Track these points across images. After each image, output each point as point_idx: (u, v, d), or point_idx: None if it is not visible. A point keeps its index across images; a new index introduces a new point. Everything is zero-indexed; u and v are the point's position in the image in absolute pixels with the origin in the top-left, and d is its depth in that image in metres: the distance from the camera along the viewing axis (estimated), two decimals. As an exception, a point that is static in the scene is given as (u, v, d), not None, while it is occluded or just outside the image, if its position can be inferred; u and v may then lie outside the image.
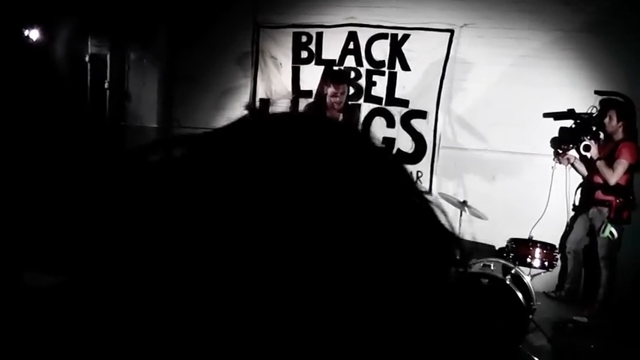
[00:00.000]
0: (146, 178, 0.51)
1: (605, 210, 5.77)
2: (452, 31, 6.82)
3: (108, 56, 7.94)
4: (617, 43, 6.48)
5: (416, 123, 6.99)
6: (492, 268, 4.93)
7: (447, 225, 0.60)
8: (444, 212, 0.60)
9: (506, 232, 5.78)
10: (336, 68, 6.94)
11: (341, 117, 5.93)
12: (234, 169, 0.50)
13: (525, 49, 6.75)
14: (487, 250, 6.25)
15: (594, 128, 5.96)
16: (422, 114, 6.97)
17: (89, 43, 7.98)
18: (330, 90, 5.78)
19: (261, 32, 7.38)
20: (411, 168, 7.04)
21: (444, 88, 6.90)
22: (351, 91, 6.60)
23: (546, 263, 5.27)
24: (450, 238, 0.59)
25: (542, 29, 6.71)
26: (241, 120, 0.56)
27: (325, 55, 7.13)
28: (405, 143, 7.04)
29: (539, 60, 6.72)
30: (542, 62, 6.71)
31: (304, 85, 7.18)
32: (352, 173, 0.52)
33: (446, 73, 6.87)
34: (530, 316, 4.85)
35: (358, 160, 0.54)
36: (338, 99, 5.75)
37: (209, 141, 0.53)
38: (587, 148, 5.75)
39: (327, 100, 5.80)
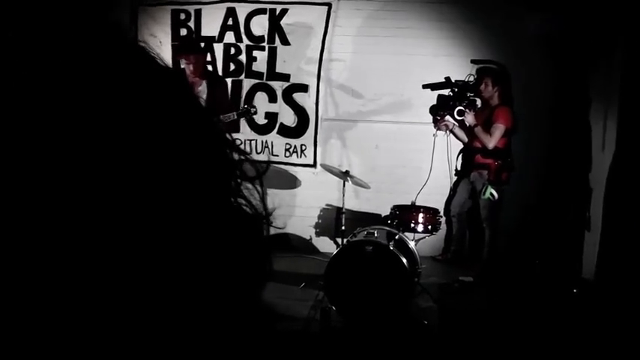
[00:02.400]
0: None
1: (485, 173, 5.95)
2: (329, 5, 6.85)
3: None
4: (491, 13, 6.70)
5: (298, 97, 7.01)
6: (376, 235, 5.00)
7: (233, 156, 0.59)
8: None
9: (391, 201, 5.86)
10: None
11: (204, 85, 6.00)
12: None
13: (402, 20, 6.86)
14: (373, 220, 6.34)
15: (470, 95, 6.12)
16: (303, 87, 7.00)
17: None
18: (183, 60, 6.04)
19: (139, 10, 7.15)
20: (295, 142, 7.05)
21: (324, 61, 6.94)
22: (208, 58, 6.75)
23: (430, 227, 5.40)
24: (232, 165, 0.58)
25: (417, 1, 6.84)
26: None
27: (205, 32, 7.00)
28: (287, 117, 7.05)
29: (416, 31, 6.86)
30: (420, 33, 6.86)
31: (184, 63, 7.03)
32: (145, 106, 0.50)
33: (325, 46, 6.91)
34: (416, 279, 4.97)
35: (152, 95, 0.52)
36: (192, 67, 5.97)
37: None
38: (461, 113, 5.89)
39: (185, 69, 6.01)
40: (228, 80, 6.89)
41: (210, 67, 6.81)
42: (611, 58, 5.97)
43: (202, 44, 6.92)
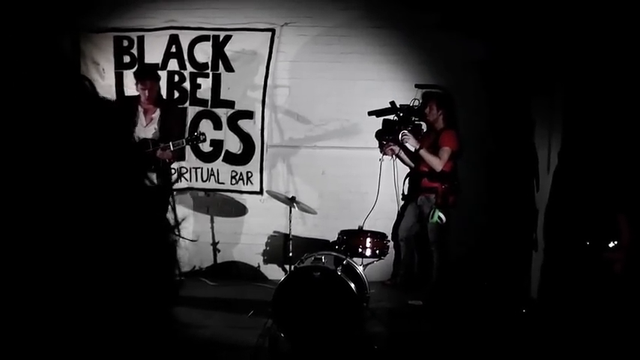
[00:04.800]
0: None
1: (433, 196, 5.98)
2: (273, 30, 6.87)
3: None
4: (432, 38, 6.81)
5: (243, 123, 6.98)
6: (324, 260, 4.98)
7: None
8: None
9: (339, 226, 5.84)
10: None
11: (158, 112, 6.00)
12: None
13: (346, 45, 6.92)
14: (321, 246, 6.31)
15: (415, 119, 6.17)
16: (248, 114, 6.97)
17: None
18: (139, 86, 6.10)
19: (81, 37, 7.03)
20: (241, 169, 7.00)
21: (269, 87, 6.93)
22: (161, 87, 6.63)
23: (378, 252, 5.38)
24: None
25: (361, 26, 6.90)
26: None
27: (148, 59, 6.92)
28: (233, 144, 7.00)
29: (360, 56, 6.91)
30: (364, 58, 6.91)
31: (128, 91, 6.92)
32: None
33: (270, 72, 6.91)
34: (365, 304, 4.94)
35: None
36: (146, 93, 6.06)
37: None
38: (406, 139, 5.94)
39: (141, 95, 6.10)
40: (172, 108, 6.82)
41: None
42: (554, 81, 6.10)
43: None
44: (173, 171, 6.64)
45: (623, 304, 4.00)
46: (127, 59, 6.97)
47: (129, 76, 6.84)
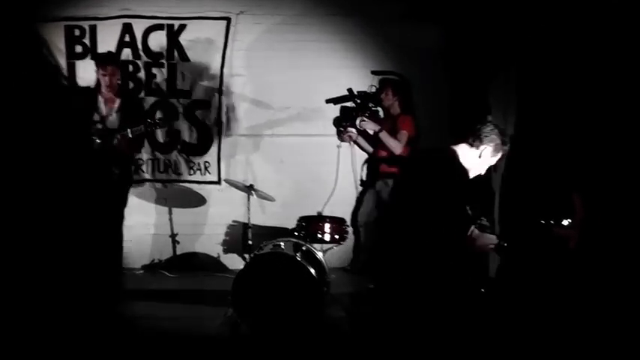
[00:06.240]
0: None
1: (391, 181, 6.00)
2: (228, 19, 6.81)
3: None
4: (389, 25, 6.84)
5: (199, 113, 6.91)
6: (283, 247, 4.96)
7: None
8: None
9: (298, 214, 5.83)
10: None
11: (118, 102, 5.82)
12: None
13: (303, 33, 6.89)
14: (282, 234, 6.27)
15: (372, 105, 6.18)
16: (205, 103, 6.90)
17: None
18: (100, 72, 5.84)
19: (38, 27, 6.85)
20: (198, 159, 6.96)
21: (225, 76, 6.88)
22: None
23: (337, 237, 5.38)
24: None
25: (317, 14, 6.90)
26: None
27: (101, 49, 6.73)
28: (190, 135, 6.93)
29: (317, 43, 6.90)
30: (321, 45, 6.90)
31: (81, 82, 6.78)
32: None
33: (226, 61, 6.85)
34: (325, 289, 4.94)
35: None
36: (107, 80, 5.81)
37: None
38: (364, 124, 5.94)
39: (101, 82, 5.85)
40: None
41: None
42: (508, 66, 6.16)
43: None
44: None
45: (578, 279, 4.07)
46: (79, 49, 6.81)
47: (81, 67, 6.74)
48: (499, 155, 3.92)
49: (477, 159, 3.88)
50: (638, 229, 4.87)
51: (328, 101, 6.13)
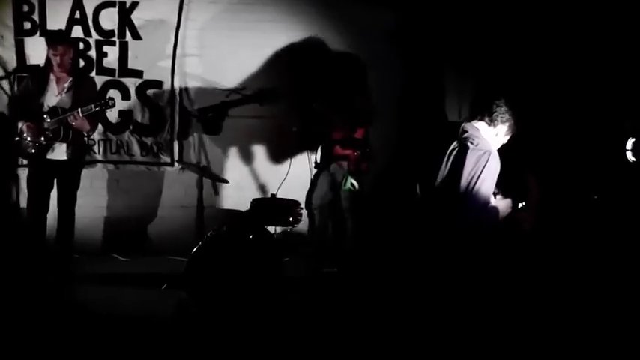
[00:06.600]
0: None
1: (345, 164, 5.98)
2: (182, -3, 6.69)
3: None
4: (345, 7, 6.81)
5: (152, 93, 6.79)
6: (237, 229, 4.93)
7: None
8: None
9: (252, 196, 5.82)
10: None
11: (70, 80, 5.65)
12: None
13: (258, 13, 6.80)
14: (236, 216, 6.25)
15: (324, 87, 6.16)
16: (157, 84, 6.78)
17: None
18: (50, 51, 5.63)
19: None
20: (151, 140, 6.85)
21: (178, 56, 6.77)
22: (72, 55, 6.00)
23: (290, 219, 5.37)
24: None
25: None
26: None
27: (50, 26, 6.54)
28: (142, 115, 6.81)
29: (273, 24, 6.81)
30: (277, 26, 6.82)
31: (31, 60, 6.60)
32: None
33: (179, 41, 6.74)
34: (279, 272, 4.93)
35: None
36: (58, 60, 5.60)
37: None
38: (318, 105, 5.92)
39: (52, 61, 5.64)
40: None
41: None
42: (464, 51, 6.20)
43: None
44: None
45: (531, 261, 4.12)
46: (27, 25, 6.61)
47: (30, 44, 6.57)
48: (510, 135, 4.05)
49: (494, 137, 4.01)
50: (595, 210, 4.97)
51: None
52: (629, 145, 3.13)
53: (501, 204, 3.98)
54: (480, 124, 4.04)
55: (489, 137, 4.00)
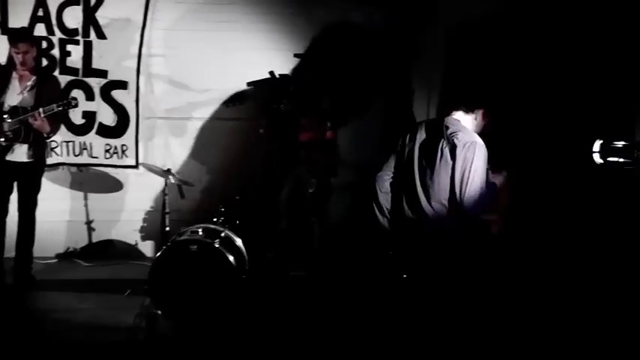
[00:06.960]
0: None
1: (312, 166, 5.95)
2: (148, -4, 6.58)
3: None
4: (314, 6, 6.74)
5: (117, 94, 6.64)
6: (201, 233, 4.86)
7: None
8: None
9: (218, 200, 5.73)
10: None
11: (33, 79, 5.50)
12: None
13: (226, 13, 6.70)
14: (201, 220, 6.13)
15: (292, 89, 6.13)
16: (122, 84, 6.64)
17: None
18: (12, 49, 5.48)
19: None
20: (115, 142, 6.71)
21: (144, 56, 6.64)
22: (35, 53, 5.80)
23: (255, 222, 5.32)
24: None
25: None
26: None
27: (12, 23, 6.37)
28: (106, 116, 6.66)
29: (241, 24, 6.72)
30: (244, 26, 6.72)
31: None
32: None
33: (144, 41, 6.62)
34: (244, 276, 4.85)
35: None
36: (20, 58, 5.45)
37: None
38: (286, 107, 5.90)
39: (15, 59, 5.49)
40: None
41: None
42: (432, 45, 6.20)
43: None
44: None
45: (500, 264, 4.11)
46: (-12, 23, 6.45)
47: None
48: (486, 120, 4.13)
49: (474, 122, 4.08)
50: (566, 213, 4.96)
51: (250, 84, 6.05)
52: (596, 146, 3.09)
53: (497, 178, 4.11)
54: (457, 114, 4.06)
55: (470, 124, 4.05)
